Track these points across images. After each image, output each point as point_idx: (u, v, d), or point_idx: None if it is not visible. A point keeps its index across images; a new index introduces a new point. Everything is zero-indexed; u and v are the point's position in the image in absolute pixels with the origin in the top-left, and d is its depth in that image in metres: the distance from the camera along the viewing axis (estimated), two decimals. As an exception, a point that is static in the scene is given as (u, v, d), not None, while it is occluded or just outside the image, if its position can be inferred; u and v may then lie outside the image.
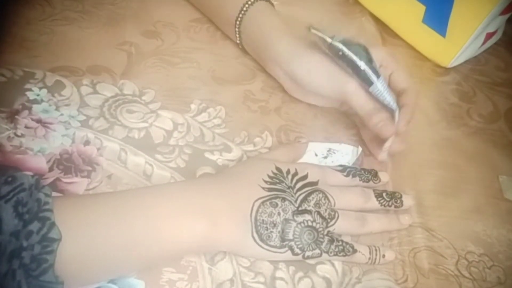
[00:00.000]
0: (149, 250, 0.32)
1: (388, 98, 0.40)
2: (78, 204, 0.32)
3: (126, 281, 0.33)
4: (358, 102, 0.42)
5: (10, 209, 0.27)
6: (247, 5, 0.48)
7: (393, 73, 0.43)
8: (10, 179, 0.28)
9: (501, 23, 0.56)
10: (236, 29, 0.50)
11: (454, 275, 0.38)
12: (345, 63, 0.40)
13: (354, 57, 0.39)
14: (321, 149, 0.44)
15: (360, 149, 0.44)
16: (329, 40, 0.40)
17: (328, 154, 0.44)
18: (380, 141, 0.43)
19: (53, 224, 0.28)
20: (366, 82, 0.40)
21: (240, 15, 0.49)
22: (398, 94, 0.43)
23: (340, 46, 0.40)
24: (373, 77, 0.40)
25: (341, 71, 0.42)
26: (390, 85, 0.43)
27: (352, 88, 0.42)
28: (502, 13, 0.53)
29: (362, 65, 0.39)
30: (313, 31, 0.41)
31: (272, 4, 0.50)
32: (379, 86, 0.40)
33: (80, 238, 0.30)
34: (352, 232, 0.38)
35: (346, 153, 0.44)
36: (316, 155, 0.44)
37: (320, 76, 0.43)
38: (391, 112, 0.41)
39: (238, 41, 0.51)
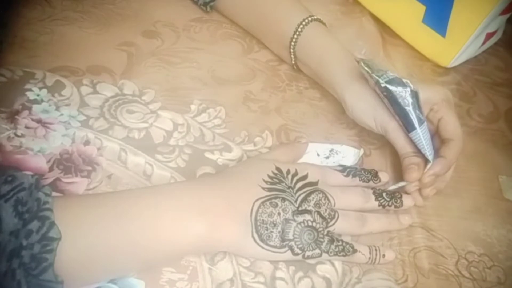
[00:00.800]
0: (148, 250, 0.32)
1: (426, 148, 0.39)
2: (77, 204, 0.32)
3: (126, 281, 0.33)
4: (399, 141, 0.41)
5: (9, 208, 0.27)
6: (301, 26, 0.48)
7: (443, 119, 0.41)
8: (10, 178, 0.28)
9: (501, 23, 0.56)
10: (291, 50, 0.49)
11: (454, 275, 0.38)
12: (389, 103, 0.39)
13: (399, 101, 0.38)
14: (323, 149, 0.44)
15: (361, 150, 0.44)
16: (376, 78, 0.38)
17: (330, 155, 0.44)
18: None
19: (52, 224, 0.28)
20: (406, 127, 0.39)
21: (295, 36, 0.48)
22: (442, 142, 0.41)
23: (387, 86, 0.38)
24: (414, 124, 0.38)
25: (386, 108, 0.41)
26: (438, 130, 0.41)
27: (392, 128, 0.41)
28: (502, 13, 0.53)
29: (405, 110, 0.38)
30: (362, 65, 0.40)
31: (325, 24, 0.50)
32: (419, 134, 0.38)
33: (80, 238, 0.30)
34: (352, 232, 0.38)
35: (348, 154, 0.44)
36: (318, 155, 0.44)
37: (365, 109, 0.43)
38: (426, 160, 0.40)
39: (293, 62, 0.51)
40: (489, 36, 0.56)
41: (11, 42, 0.47)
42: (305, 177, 0.38)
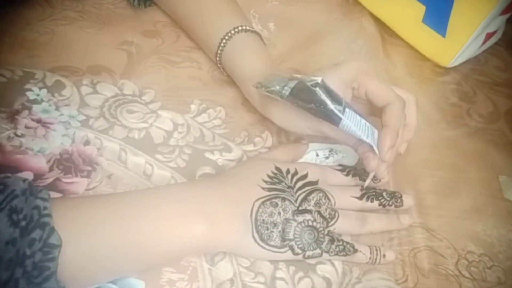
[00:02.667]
0: (149, 252, 0.32)
1: (359, 133, 0.35)
2: (77, 207, 0.31)
3: (126, 281, 0.33)
4: (340, 138, 0.39)
5: (4, 218, 0.26)
6: (224, 41, 0.45)
7: (368, 90, 0.38)
8: (1, 187, 0.28)
9: (501, 23, 0.56)
10: (219, 65, 0.48)
11: (454, 275, 0.38)
12: (305, 109, 0.36)
13: (310, 105, 0.35)
14: (323, 149, 0.44)
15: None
16: (278, 94, 0.35)
17: (329, 155, 0.44)
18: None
19: (52, 230, 0.28)
20: (333, 123, 0.35)
21: (219, 52, 0.46)
22: (381, 112, 0.38)
23: (291, 97, 0.35)
24: (336, 117, 0.35)
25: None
26: (370, 105, 0.39)
27: (329, 128, 0.38)
28: (502, 13, 0.53)
29: (321, 108, 0.35)
30: (261, 89, 0.36)
31: (258, 34, 0.47)
32: (346, 123, 0.35)
33: (81, 241, 0.29)
34: (353, 232, 0.38)
35: (348, 153, 0.44)
36: (317, 155, 0.44)
37: (296, 121, 0.40)
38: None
39: (225, 75, 0.49)
40: (489, 36, 0.56)
41: (11, 42, 0.47)
42: (305, 176, 0.38)
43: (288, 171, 0.38)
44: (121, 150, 0.41)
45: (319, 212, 0.36)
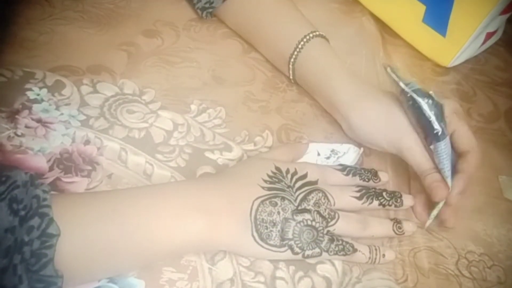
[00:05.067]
0: (148, 249, 0.32)
1: (445, 164, 0.37)
2: (77, 202, 0.32)
3: (126, 280, 0.33)
4: (415, 159, 0.39)
5: (4, 207, 0.27)
6: (302, 42, 0.46)
7: (457, 131, 0.39)
8: (4, 179, 0.28)
9: (501, 23, 0.56)
10: (290, 66, 0.48)
11: (454, 274, 0.38)
12: (412, 114, 0.38)
13: (426, 111, 0.36)
14: (324, 149, 0.44)
15: (361, 149, 0.44)
16: (402, 86, 0.37)
17: (331, 155, 0.44)
18: (428, 202, 0.41)
19: (51, 220, 0.28)
20: (428, 139, 0.37)
21: (295, 53, 0.47)
22: (459, 156, 0.40)
23: (414, 95, 0.37)
24: (438, 136, 0.36)
25: (399, 125, 0.40)
26: (452, 144, 0.40)
27: (407, 145, 0.39)
28: (502, 12, 0.53)
29: (429, 121, 0.36)
30: (389, 72, 0.38)
31: (327, 39, 0.48)
32: (442, 147, 0.37)
33: (78, 235, 0.30)
34: (353, 234, 0.38)
35: (348, 153, 0.44)
36: (319, 155, 0.44)
37: (376, 129, 0.41)
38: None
39: (291, 77, 0.49)
40: (489, 35, 0.56)
41: (11, 42, 0.47)
42: (304, 176, 0.38)
43: (288, 171, 0.38)
44: (121, 149, 0.41)
45: (318, 212, 0.36)
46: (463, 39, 0.54)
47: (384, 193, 0.40)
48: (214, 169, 0.42)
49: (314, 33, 0.47)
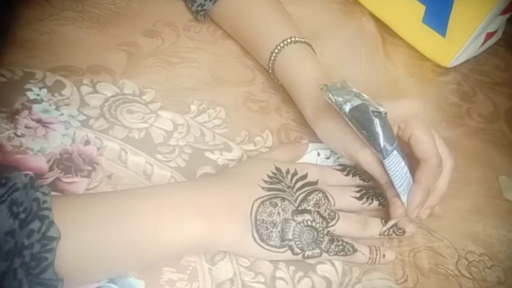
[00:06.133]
0: (148, 249, 0.32)
1: (395, 180, 0.35)
2: (77, 203, 0.32)
3: (126, 280, 0.33)
4: (373, 173, 0.38)
5: (4, 210, 0.27)
6: (279, 47, 0.46)
7: (412, 137, 0.37)
8: (4, 181, 0.28)
9: (501, 23, 0.56)
10: (270, 71, 0.48)
11: (454, 275, 0.38)
12: (357, 131, 0.36)
13: (363, 131, 0.34)
14: (324, 149, 0.44)
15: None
16: (337, 107, 0.35)
17: (330, 155, 0.44)
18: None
19: (51, 223, 0.28)
20: (379, 155, 0.35)
21: (273, 57, 0.46)
22: (417, 162, 0.37)
23: (353, 115, 0.34)
24: (383, 153, 0.34)
25: (353, 141, 0.38)
26: (410, 150, 0.37)
27: (363, 159, 0.37)
28: (502, 13, 0.53)
29: (371, 139, 0.34)
30: (325, 93, 0.36)
31: (309, 45, 0.47)
32: (387, 164, 0.35)
33: (79, 237, 0.30)
34: (353, 235, 0.38)
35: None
36: (319, 154, 0.44)
37: (335, 142, 0.40)
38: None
39: (276, 81, 0.49)
40: (489, 36, 0.56)
41: (11, 42, 0.47)
42: (304, 176, 0.38)
43: (288, 171, 0.38)
44: (121, 149, 0.41)
45: (318, 212, 0.36)
46: (463, 39, 0.54)
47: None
48: (214, 169, 0.42)
49: (292, 39, 0.46)
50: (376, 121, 0.34)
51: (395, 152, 0.35)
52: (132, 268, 0.34)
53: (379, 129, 0.34)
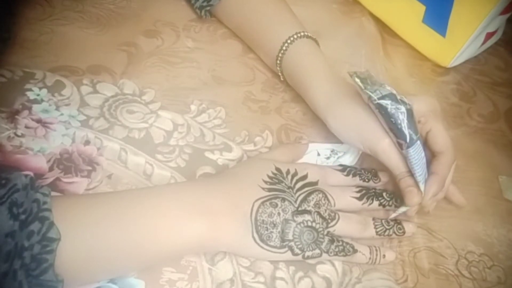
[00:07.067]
0: (148, 250, 0.32)
1: (415, 170, 0.37)
2: (77, 204, 0.32)
3: (126, 281, 0.33)
4: (390, 162, 0.38)
5: (4, 211, 0.27)
6: (286, 44, 0.46)
7: (431, 131, 0.39)
8: (4, 181, 0.28)
9: (501, 23, 0.56)
10: (278, 68, 0.48)
11: (454, 275, 0.38)
12: (382, 119, 0.37)
13: (393, 117, 0.35)
14: (324, 149, 0.44)
15: (361, 149, 0.44)
16: (368, 93, 0.36)
17: (330, 155, 0.44)
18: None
19: (52, 224, 0.28)
20: (400, 145, 0.37)
21: (281, 54, 0.47)
22: (433, 156, 0.39)
23: (379, 102, 0.36)
24: (408, 142, 0.36)
25: (373, 130, 0.38)
26: (427, 143, 0.39)
27: (382, 148, 0.38)
28: (502, 13, 0.53)
29: (398, 127, 0.35)
30: (354, 79, 0.37)
31: (315, 40, 0.48)
32: (411, 152, 0.36)
33: (79, 238, 0.30)
34: (353, 235, 0.38)
35: (348, 153, 0.44)
36: (318, 154, 0.44)
37: (351, 133, 0.40)
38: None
39: (281, 78, 0.49)
40: (489, 36, 0.56)
41: (11, 42, 0.47)
42: (304, 177, 0.38)
43: (288, 172, 0.38)
44: (121, 149, 0.41)
45: (318, 213, 0.36)
46: (463, 39, 0.54)
47: (384, 194, 0.40)
48: (214, 170, 0.42)
49: (299, 34, 0.46)
50: (404, 110, 0.35)
51: (418, 142, 0.36)
52: (132, 269, 0.34)
53: (407, 118, 0.36)
